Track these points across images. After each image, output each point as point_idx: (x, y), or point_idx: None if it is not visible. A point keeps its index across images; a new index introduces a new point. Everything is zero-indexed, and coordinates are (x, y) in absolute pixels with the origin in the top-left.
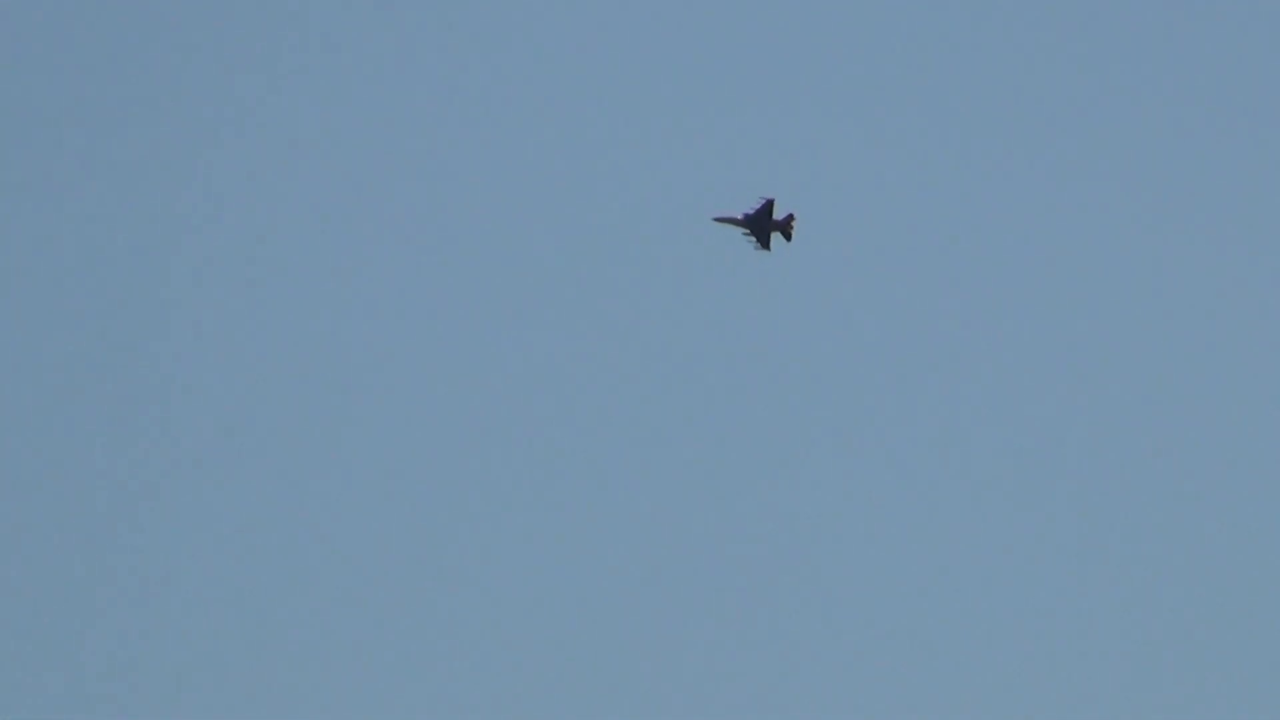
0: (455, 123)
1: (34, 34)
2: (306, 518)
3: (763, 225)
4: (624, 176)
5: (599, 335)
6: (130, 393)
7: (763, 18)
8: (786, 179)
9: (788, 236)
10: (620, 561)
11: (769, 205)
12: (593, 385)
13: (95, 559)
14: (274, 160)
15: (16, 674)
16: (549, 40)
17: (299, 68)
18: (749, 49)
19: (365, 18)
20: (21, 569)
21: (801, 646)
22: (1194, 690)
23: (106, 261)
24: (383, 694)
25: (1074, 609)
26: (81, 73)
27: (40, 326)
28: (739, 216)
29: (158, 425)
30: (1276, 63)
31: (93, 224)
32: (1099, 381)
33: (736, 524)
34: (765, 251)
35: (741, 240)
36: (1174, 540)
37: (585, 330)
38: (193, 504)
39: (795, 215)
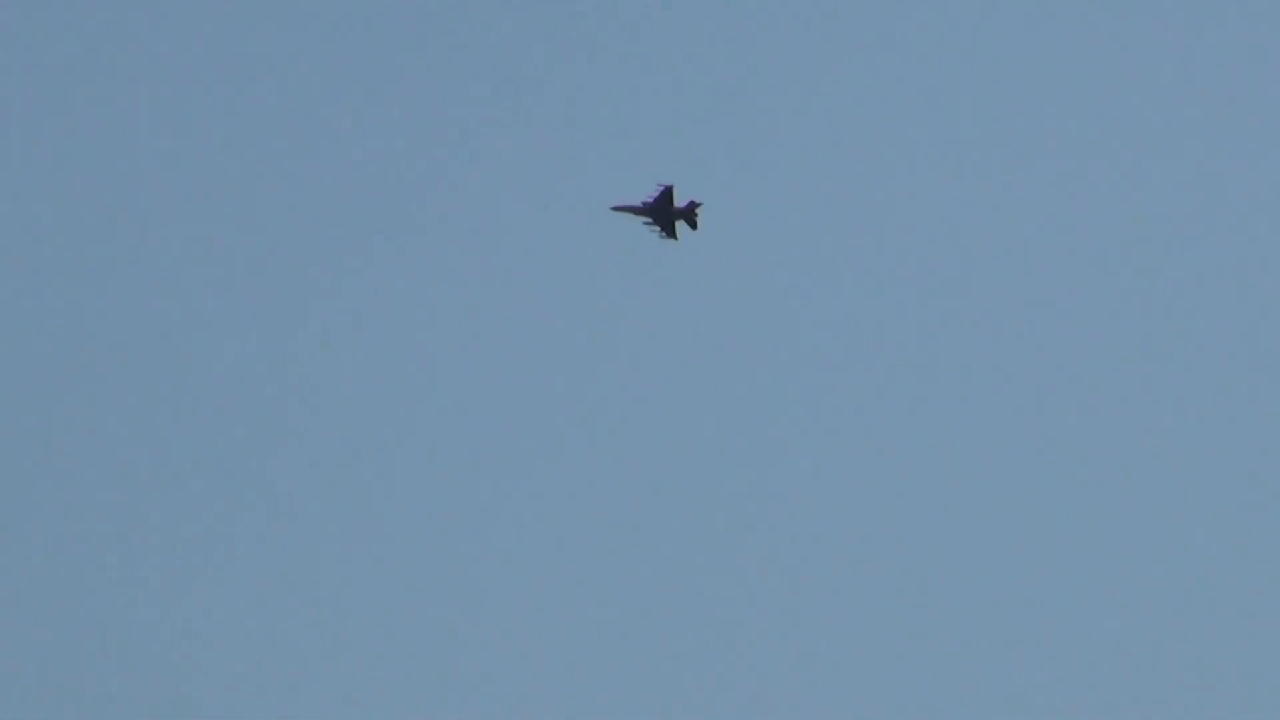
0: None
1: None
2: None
3: (665, 213)
4: (522, 166)
5: (516, 333)
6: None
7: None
8: (691, 166)
9: (693, 225)
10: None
11: (668, 192)
12: (517, 383)
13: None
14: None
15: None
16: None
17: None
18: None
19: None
20: (23, 569)
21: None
22: (1194, 690)
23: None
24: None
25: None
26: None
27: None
28: (639, 205)
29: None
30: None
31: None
32: (1053, 378)
33: (650, 528)
34: (672, 240)
35: (644, 230)
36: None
37: (498, 329)
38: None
39: (699, 202)
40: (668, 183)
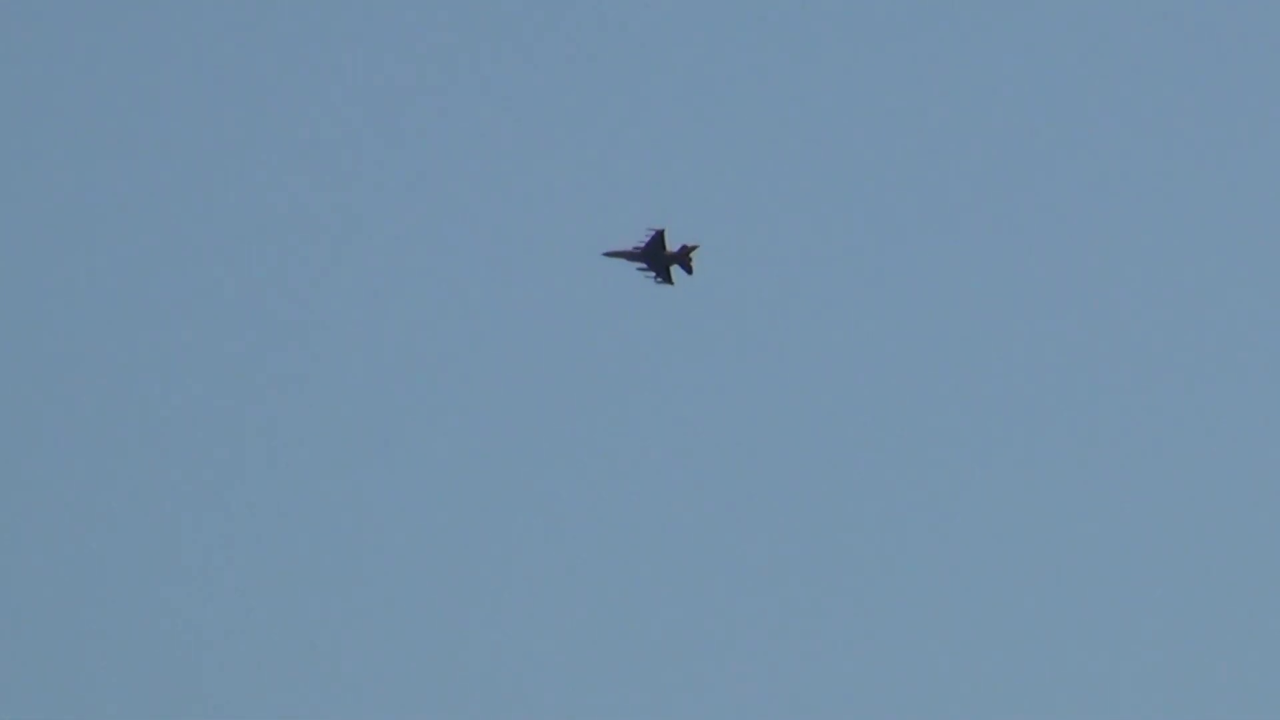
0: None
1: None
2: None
3: (658, 258)
4: (515, 209)
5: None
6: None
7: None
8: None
9: (688, 269)
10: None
11: (659, 236)
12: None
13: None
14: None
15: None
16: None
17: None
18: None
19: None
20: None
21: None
22: (1199, 691)
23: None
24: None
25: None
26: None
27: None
28: (631, 249)
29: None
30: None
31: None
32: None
33: (638, 577)
34: (667, 285)
35: (638, 275)
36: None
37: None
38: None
39: (692, 246)
40: (659, 226)
